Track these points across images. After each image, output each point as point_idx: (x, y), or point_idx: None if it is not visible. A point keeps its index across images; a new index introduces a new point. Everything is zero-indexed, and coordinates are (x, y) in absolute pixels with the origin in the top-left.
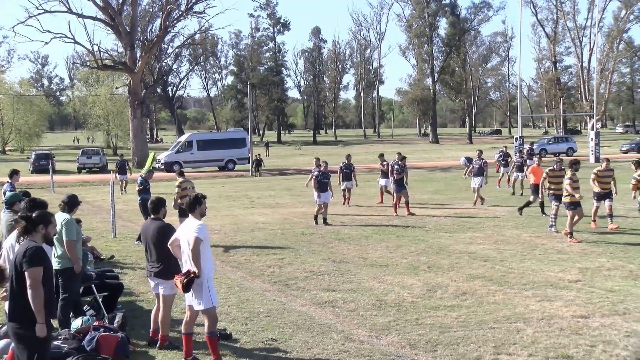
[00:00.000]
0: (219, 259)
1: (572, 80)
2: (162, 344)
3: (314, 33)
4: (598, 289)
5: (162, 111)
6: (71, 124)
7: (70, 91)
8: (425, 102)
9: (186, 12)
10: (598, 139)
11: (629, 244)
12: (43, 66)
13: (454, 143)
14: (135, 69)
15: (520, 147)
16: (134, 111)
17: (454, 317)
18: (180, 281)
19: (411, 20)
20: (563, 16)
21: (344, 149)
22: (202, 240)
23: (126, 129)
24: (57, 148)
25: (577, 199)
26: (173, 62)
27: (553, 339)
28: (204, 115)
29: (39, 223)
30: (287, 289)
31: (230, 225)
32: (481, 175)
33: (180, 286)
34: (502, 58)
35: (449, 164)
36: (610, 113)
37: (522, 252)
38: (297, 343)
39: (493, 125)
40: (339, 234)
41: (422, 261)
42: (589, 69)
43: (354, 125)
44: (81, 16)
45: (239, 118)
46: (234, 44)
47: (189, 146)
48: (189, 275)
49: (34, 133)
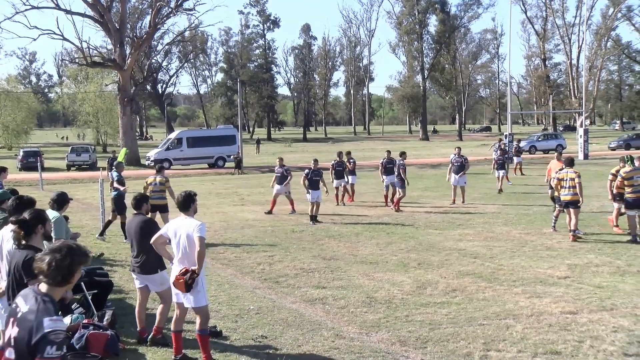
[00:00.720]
0: (209, 257)
1: (561, 78)
2: (155, 335)
3: (304, 30)
4: (586, 285)
5: (152, 108)
6: (60, 121)
7: (59, 88)
8: (415, 99)
9: (176, 9)
10: (587, 136)
11: (616, 240)
12: (31, 63)
13: (444, 140)
14: (125, 66)
15: (500, 144)
16: (124, 108)
17: (443, 313)
18: (183, 281)
19: (401, 18)
20: (552, 14)
21: (334, 146)
22: (205, 238)
23: (116, 126)
24: (46, 145)
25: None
26: (163, 59)
27: (542, 335)
28: (193, 112)
29: (37, 224)
30: (277, 286)
31: (220, 222)
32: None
33: (184, 286)
34: (491, 55)
35: (438, 161)
36: (598, 110)
37: (512, 248)
38: (287, 340)
39: (483, 123)
40: (329, 231)
41: (412, 258)
42: (578, 67)
43: (344, 122)
44: (69, 12)
45: (229, 115)
46: (223, 41)
47: (179, 143)
48: (193, 275)
49: (22, 130)
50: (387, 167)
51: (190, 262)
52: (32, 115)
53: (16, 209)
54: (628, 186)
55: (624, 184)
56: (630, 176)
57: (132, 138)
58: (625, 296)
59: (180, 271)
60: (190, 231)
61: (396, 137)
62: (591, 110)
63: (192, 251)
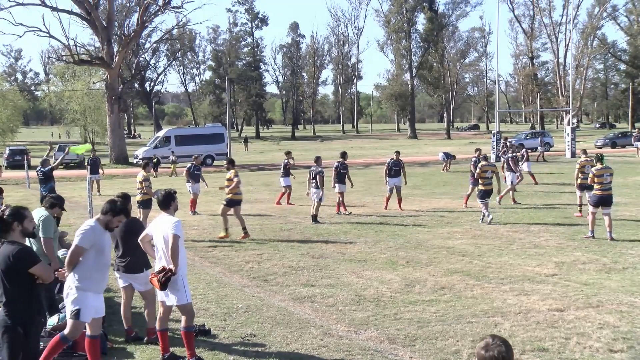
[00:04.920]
0: (197, 255)
1: (548, 76)
2: (150, 337)
3: (292, 28)
4: (573, 283)
5: (140, 106)
6: (47, 119)
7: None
8: (404, 98)
9: (164, 7)
10: (574, 134)
11: (602, 238)
12: (16, 60)
13: (432, 138)
14: (113, 64)
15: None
16: (112, 106)
17: (432, 311)
18: (157, 279)
19: (389, 16)
20: (539, 12)
21: (322, 144)
22: (180, 237)
23: (103, 124)
24: (33, 143)
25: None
26: (151, 57)
27: (530, 332)
28: (182, 110)
29: (13, 221)
30: (266, 284)
31: (209, 220)
32: (398, 176)
33: (158, 284)
34: (479, 53)
35: (427, 159)
36: (585, 109)
37: (500, 246)
38: (276, 338)
39: (471, 121)
40: (317, 230)
41: (400, 256)
42: (565, 65)
43: (333, 120)
44: (56, 9)
45: (217, 113)
46: (211, 39)
47: (167, 141)
48: (167, 273)
49: (7, 128)
50: (394, 169)
51: (169, 260)
52: (18, 113)
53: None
54: (597, 183)
55: (594, 181)
56: (600, 174)
57: (120, 136)
58: (611, 293)
59: (158, 269)
60: (166, 229)
61: (384, 136)
62: (578, 108)
63: (168, 249)
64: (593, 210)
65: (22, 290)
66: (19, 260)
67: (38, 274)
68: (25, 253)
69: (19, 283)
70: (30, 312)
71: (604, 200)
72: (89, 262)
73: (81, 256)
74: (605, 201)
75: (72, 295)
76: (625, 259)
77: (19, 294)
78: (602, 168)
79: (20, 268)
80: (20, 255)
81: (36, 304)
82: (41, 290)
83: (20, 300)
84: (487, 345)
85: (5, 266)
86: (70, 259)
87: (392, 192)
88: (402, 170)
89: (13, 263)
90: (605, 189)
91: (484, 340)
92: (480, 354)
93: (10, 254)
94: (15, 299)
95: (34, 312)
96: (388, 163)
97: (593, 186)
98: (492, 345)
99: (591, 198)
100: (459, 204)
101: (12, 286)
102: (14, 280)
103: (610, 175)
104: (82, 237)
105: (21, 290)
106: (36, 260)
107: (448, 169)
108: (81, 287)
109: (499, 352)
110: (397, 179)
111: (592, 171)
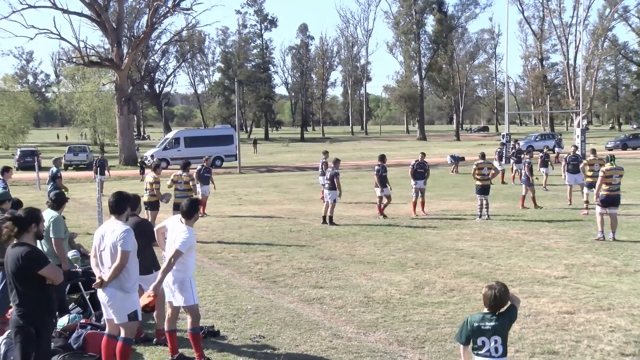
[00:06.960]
0: (206, 256)
1: (558, 78)
2: (159, 338)
3: (301, 30)
4: (583, 285)
5: (149, 108)
6: (57, 121)
7: (56, 87)
8: (413, 99)
9: (173, 9)
10: (584, 136)
11: (613, 240)
12: (28, 62)
13: (441, 140)
14: (122, 65)
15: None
16: (121, 108)
17: (441, 313)
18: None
19: (398, 17)
20: (549, 14)
21: (332, 146)
22: (182, 254)
23: (113, 125)
24: (43, 145)
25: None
26: (160, 58)
27: (539, 334)
28: (191, 112)
29: (31, 222)
30: (274, 286)
31: (218, 222)
32: (423, 178)
33: (147, 308)
34: (489, 55)
35: (436, 161)
36: (595, 110)
37: (509, 248)
38: (285, 340)
39: (480, 122)
40: (326, 231)
41: (409, 258)
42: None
43: (342, 122)
44: (66, 12)
45: (226, 115)
46: (221, 41)
47: (176, 143)
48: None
49: (18, 129)
50: (419, 172)
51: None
52: (29, 114)
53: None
54: (606, 184)
55: (603, 181)
56: (610, 174)
57: (130, 138)
58: (622, 296)
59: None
60: (178, 236)
61: (393, 137)
62: (588, 110)
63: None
64: (601, 211)
65: (33, 291)
66: (29, 262)
67: (47, 276)
68: (34, 255)
69: (29, 284)
70: (41, 313)
71: (612, 201)
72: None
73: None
74: (613, 201)
75: (126, 298)
76: (636, 262)
77: (30, 295)
78: (613, 169)
79: (30, 270)
80: (30, 257)
81: (47, 304)
82: (52, 291)
83: (31, 301)
84: (490, 286)
85: (15, 268)
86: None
87: (418, 195)
88: (427, 172)
89: (22, 265)
90: (613, 189)
91: (489, 284)
92: (485, 292)
93: (20, 256)
94: (27, 300)
95: (45, 313)
96: (413, 165)
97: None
98: (494, 286)
99: (599, 198)
100: (468, 205)
101: (22, 287)
102: (24, 282)
103: (619, 176)
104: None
105: (32, 291)
106: (45, 262)
107: (457, 171)
108: (133, 289)
109: (499, 290)
110: (422, 181)
111: (601, 171)
